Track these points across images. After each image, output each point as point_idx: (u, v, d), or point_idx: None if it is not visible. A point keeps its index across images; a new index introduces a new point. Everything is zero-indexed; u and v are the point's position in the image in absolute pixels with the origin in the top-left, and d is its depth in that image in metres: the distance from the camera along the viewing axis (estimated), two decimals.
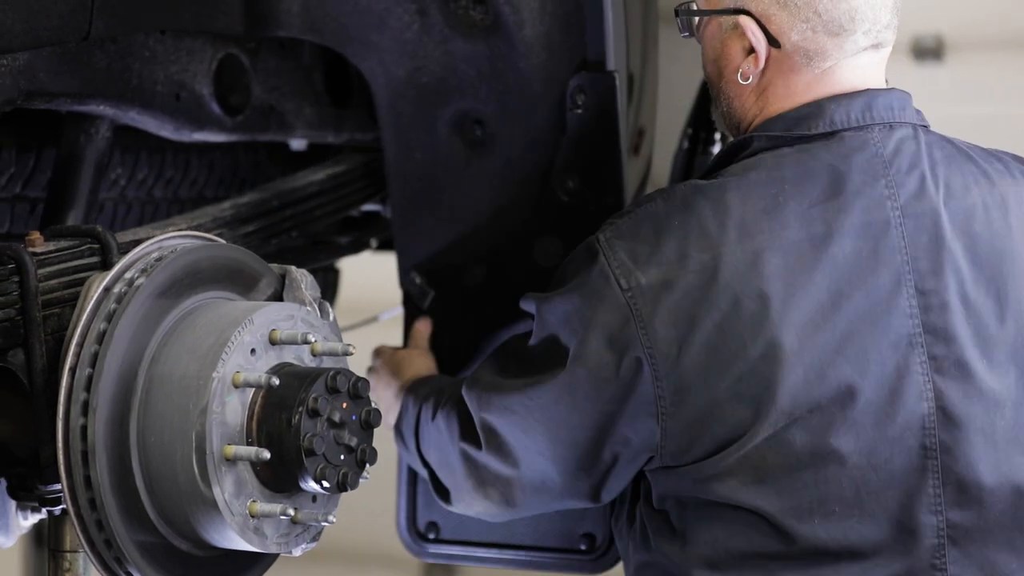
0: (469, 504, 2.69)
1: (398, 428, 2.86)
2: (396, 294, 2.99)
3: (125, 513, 2.31)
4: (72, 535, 2.45)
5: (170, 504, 2.33)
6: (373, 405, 2.42)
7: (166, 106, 2.69)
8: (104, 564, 2.33)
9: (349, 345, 2.48)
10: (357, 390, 2.39)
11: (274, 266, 2.57)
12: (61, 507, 2.40)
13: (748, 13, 2.49)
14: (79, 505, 2.29)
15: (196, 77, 2.74)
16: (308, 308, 2.52)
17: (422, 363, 2.95)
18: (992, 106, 5.11)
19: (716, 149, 3.35)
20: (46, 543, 2.54)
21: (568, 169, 2.84)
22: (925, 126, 2.54)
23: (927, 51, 5.91)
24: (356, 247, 3.45)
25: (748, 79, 2.52)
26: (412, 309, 2.97)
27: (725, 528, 2.43)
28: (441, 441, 2.70)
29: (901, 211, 2.44)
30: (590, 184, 2.84)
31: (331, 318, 2.59)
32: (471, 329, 2.94)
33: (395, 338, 3.07)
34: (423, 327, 2.99)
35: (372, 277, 3.93)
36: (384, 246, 3.56)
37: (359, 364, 2.51)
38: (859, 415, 2.38)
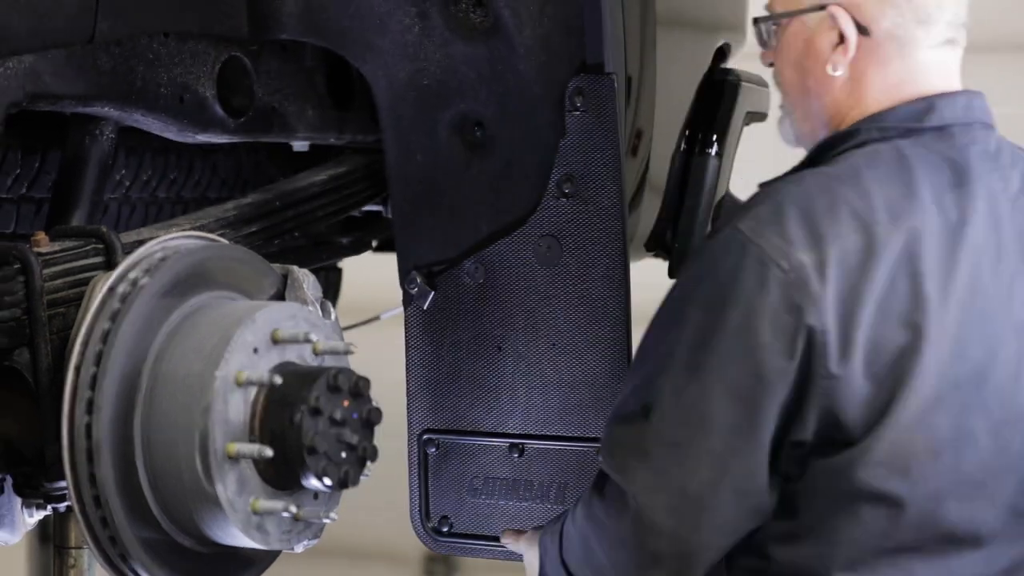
0: None
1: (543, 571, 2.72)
2: (397, 294, 2.99)
3: (129, 510, 2.32)
4: (77, 532, 2.47)
5: (174, 501, 2.34)
6: (374, 403, 2.43)
7: (170, 108, 2.70)
8: (108, 560, 2.34)
9: (350, 344, 2.50)
10: (358, 388, 2.40)
11: (276, 266, 2.59)
12: (66, 504, 2.42)
13: (835, 4, 2.53)
14: (84, 502, 2.31)
15: (199, 79, 2.75)
16: (310, 307, 2.54)
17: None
18: (992, 107, 5.13)
19: (713, 151, 3.36)
20: (51, 540, 2.56)
21: (567, 170, 2.85)
22: None
23: None
24: (357, 247, 3.45)
25: (837, 70, 2.54)
26: (412, 309, 2.98)
27: (860, 523, 2.42)
28: (589, 537, 2.54)
29: (1011, 204, 2.51)
30: (589, 185, 2.84)
31: (333, 317, 2.61)
32: (471, 330, 2.95)
33: (396, 338, 3.08)
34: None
35: (373, 277, 3.95)
36: (385, 246, 3.57)
37: (360, 363, 2.53)
38: (989, 397, 2.43)
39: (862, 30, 2.53)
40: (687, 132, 3.37)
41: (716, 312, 2.40)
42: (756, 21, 2.67)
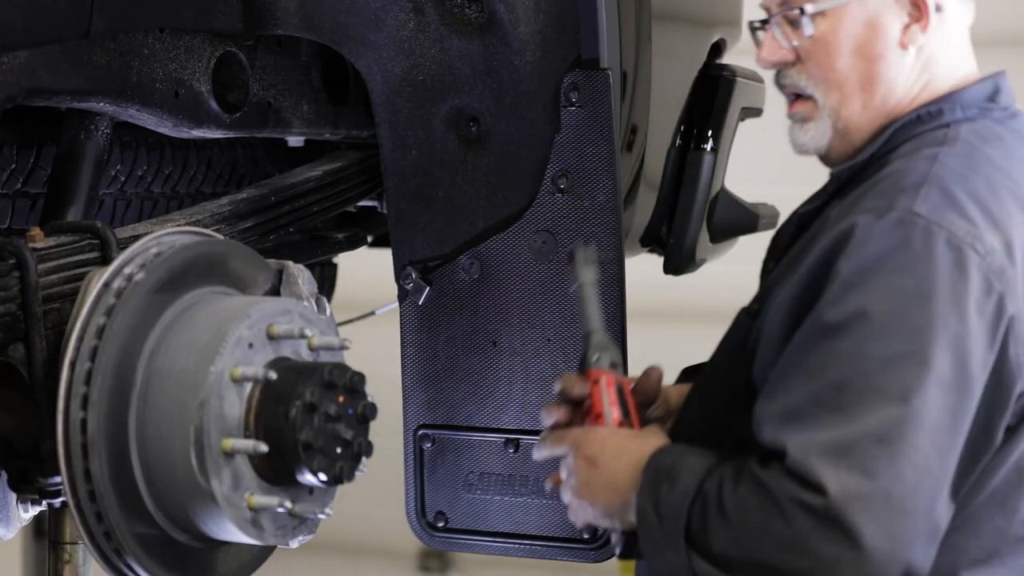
0: None
1: (650, 535, 2.35)
2: (392, 289, 3.00)
3: (124, 505, 2.33)
4: (72, 527, 2.47)
5: (169, 497, 2.34)
6: (369, 399, 2.43)
7: (165, 103, 2.69)
8: (103, 556, 2.34)
9: (345, 340, 2.50)
10: (353, 384, 2.40)
11: (271, 261, 2.59)
12: (61, 499, 2.41)
13: None
14: (79, 497, 2.31)
15: (195, 74, 2.75)
16: (305, 303, 2.54)
17: (655, 440, 2.46)
18: None
19: (709, 147, 3.37)
20: (46, 535, 2.56)
21: (562, 166, 2.85)
22: None
23: None
24: (353, 243, 3.46)
25: (915, 45, 2.45)
26: (407, 304, 2.99)
27: (1007, 514, 2.34)
28: (759, 530, 2.22)
29: None
30: (584, 181, 2.85)
31: (328, 313, 2.61)
32: (466, 325, 2.95)
33: (391, 333, 3.09)
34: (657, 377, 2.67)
35: (368, 272, 3.95)
36: (380, 242, 3.57)
37: (355, 358, 2.53)
38: None
39: (937, 7, 2.46)
40: (682, 128, 3.38)
41: (917, 301, 2.23)
42: (803, 12, 2.48)
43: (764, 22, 2.56)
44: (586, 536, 2.94)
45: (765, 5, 2.57)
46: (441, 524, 3.03)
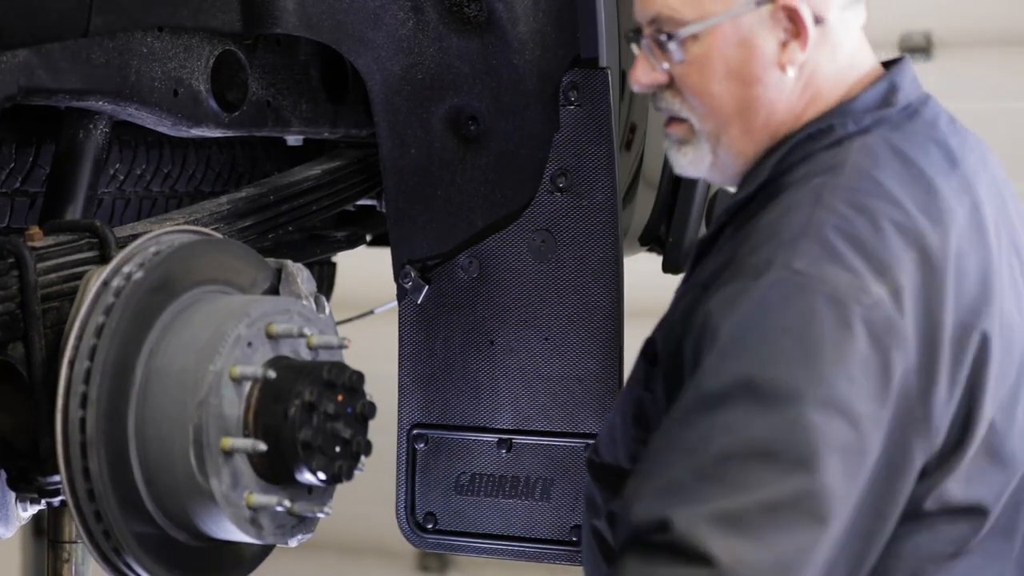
0: None
1: None
2: (391, 288, 3.00)
3: (123, 504, 2.33)
4: (71, 526, 2.47)
5: (168, 495, 2.34)
6: (368, 398, 2.43)
7: (164, 102, 2.69)
8: (102, 554, 2.34)
9: (344, 339, 2.50)
10: (352, 383, 2.40)
11: (270, 260, 2.59)
12: (60, 498, 2.41)
13: None
14: (78, 496, 2.31)
15: (193, 73, 2.75)
16: (304, 302, 2.54)
17: None
18: (981, 103, 5.14)
19: None
20: (45, 534, 2.56)
21: (561, 165, 2.85)
22: None
23: (916, 48, 5.93)
24: (351, 242, 3.46)
25: (794, 66, 2.26)
26: (406, 303, 2.99)
27: (936, 535, 2.20)
28: None
29: (983, 165, 2.34)
30: (583, 180, 2.85)
31: (327, 312, 2.61)
32: (465, 324, 2.95)
33: (390, 332, 3.09)
34: None
35: (367, 271, 3.95)
36: (379, 241, 3.57)
37: (354, 357, 2.53)
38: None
39: (816, 19, 2.25)
40: None
41: (801, 365, 2.07)
42: (670, 37, 2.28)
43: (637, 33, 2.35)
44: (575, 539, 2.94)
45: (637, 19, 2.35)
46: (430, 525, 3.02)
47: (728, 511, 2.04)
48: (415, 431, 3.00)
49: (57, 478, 2.35)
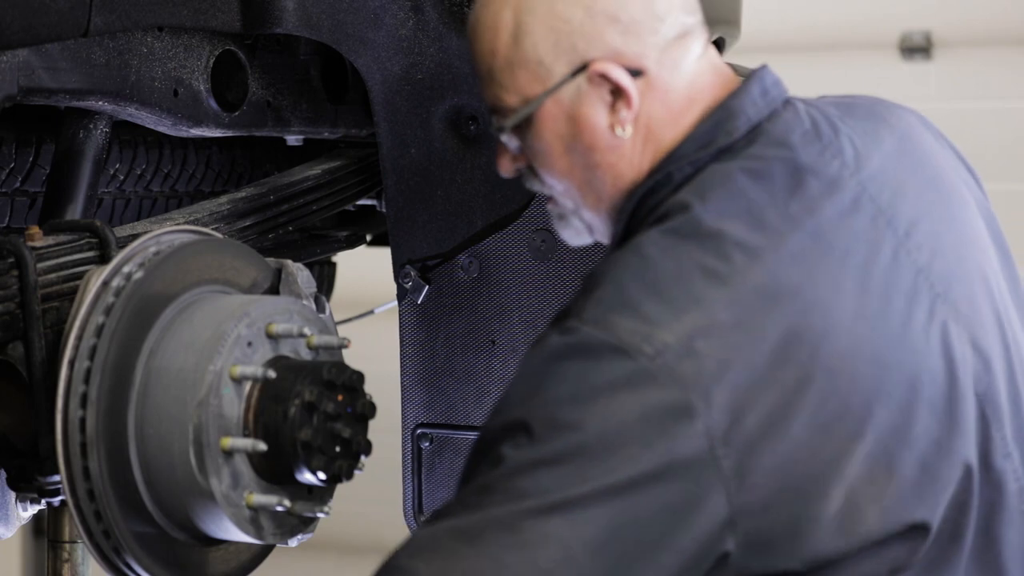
0: None
1: None
2: (391, 288, 3.00)
3: (123, 504, 2.32)
4: (71, 526, 2.47)
5: (168, 495, 2.34)
6: (368, 398, 2.43)
7: (164, 102, 2.69)
8: (102, 554, 2.34)
9: (344, 339, 2.50)
10: (352, 383, 2.40)
11: (270, 260, 2.59)
12: (60, 498, 2.41)
13: (593, 62, 2.18)
14: (78, 496, 2.31)
15: (193, 73, 2.75)
16: (304, 302, 2.54)
17: None
18: (980, 102, 5.13)
19: None
20: (45, 534, 2.56)
21: None
22: None
23: (916, 48, 5.93)
24: (352, 242, 3.46)
25: (627, 129, 2.20)
26: (406, 303, 2.99)
27: None
28: None
29: (857, 176, 2.20)
30: None
31: (327, 312, 2.61)
32: (465, 324, 2.95)
33: (390, 331, 3.09)
34: None
35: (367, 271, 3.95)
36: (379, 241, 3.57)
37: (354, 357, 2.53)
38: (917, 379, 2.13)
39: (635, 72, 2.20)
40: None
41: (574, 410, 2.00)
42: (500, 135, 2.27)
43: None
44: None
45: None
46: None
47: (462, 528, 1.98)
48: (419, 430, 3.00)
49: (57, 478, 2.35)
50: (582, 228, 2.33)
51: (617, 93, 2.20)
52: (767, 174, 2.16)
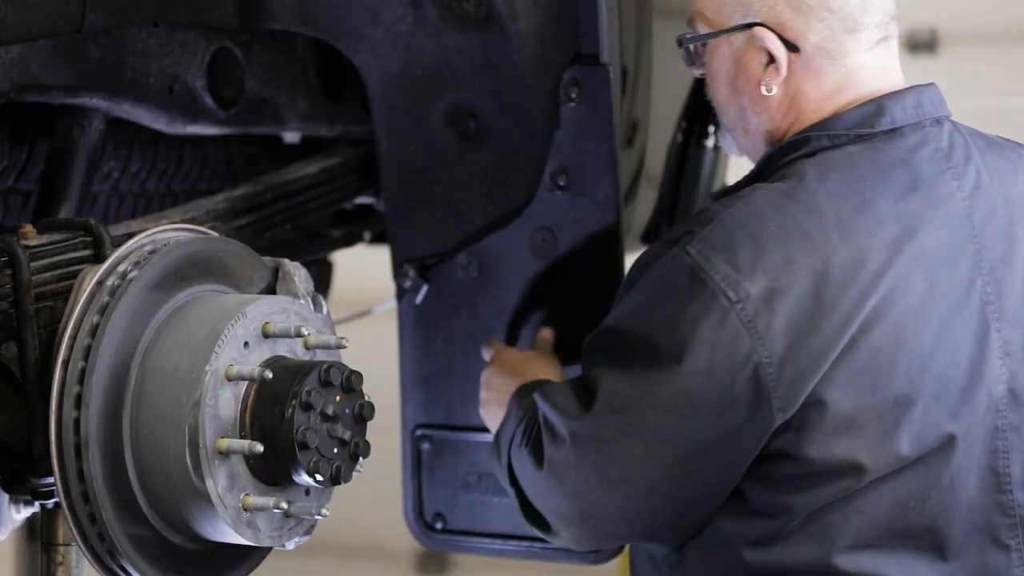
0: (565, 531, 2.56)
1: (496, 437, 2.72)
2: (390, 287, 2.99)
3: (118, 506, 2.31)
4: (65, 528, 2.45)
5: (163, 497, 2.33)
6: (366, 399, 2.42)
7: (159, 99, 2.70)
8: (97, 557, 2.33)
9: (342, 338, 2.48)
10: (350, 383, 2.39)
11: (267, 259, 2.58)
12: (54, 500, 2.40)
13: (761, 24, 2.50)
14: (72, 498, 2.29)
15: (189, 70, 2.75)
16: (301, 301, 2.52)
17: (545, 368, 2.82)
18: (986, 99, 5.13)
19: (710, 143, 3.36)
20: (39, 536, 2.54)
21: (562, 162, 2.85)
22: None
23: (922, 44, 5.94)
24: (349, 240, 3.46)
25: (772, 90, 2.52)
26: (405, 302, 2.98)
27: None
28: (523, 468, 2.57)
29: (968, 202, 2.48)
30: (584, 177, 2.84)
31: (324, 311, 2.59)
32: (465, 324, 2.94)
33: (389, 331, 3.08)
34: (548, 335, 2.89)
35: (366, 270, 3.94)
36: (377, 239, 3.57)
37: (352, 357, 2.51)
38: (957, 403, 2.42)
39: (791, 47, 2.51)
40: (683, 124, 3.37)
41: (664, 332, 2.38)
42: (680, 43, 2.63)
43: None
44: None
45: None
46: (439, 525, 3.02)
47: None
48: (419, 431, 3.00)
49: (51, 480, 2.33)
50: (732, 144, 2.67)
51: (771, 58, 2.51)
52: (888, 171, 2.46)
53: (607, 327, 2.48)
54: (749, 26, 2.51)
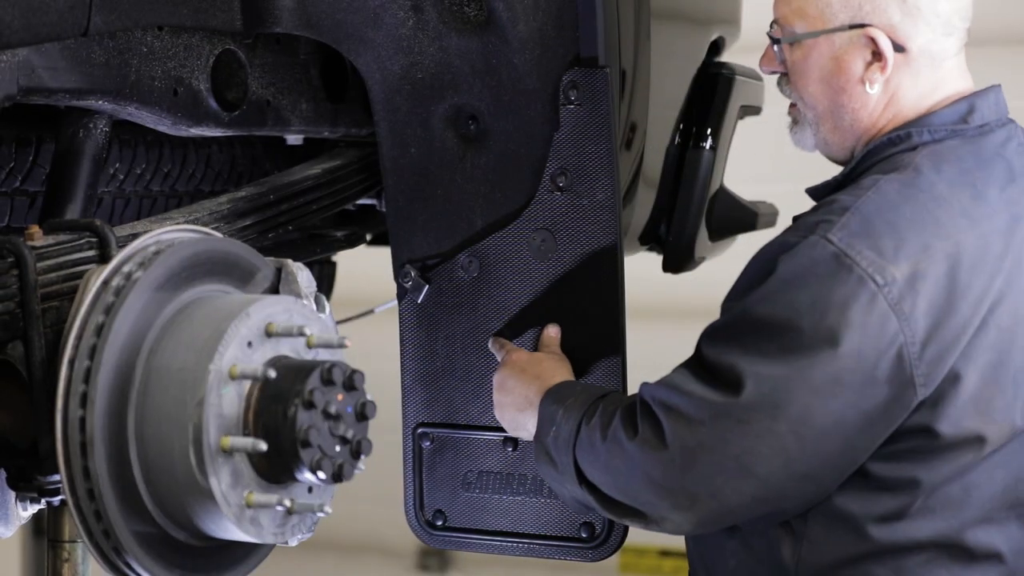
0: (667, 520, 2.58)
1: (541, 442, 2.71)
2: (391, 287, 3.00)
3: (123, 503, 2.32)
4: (71, 525, 2.47)
5: (167, 495, 2.34)
6: (368, 397, 2.43)
7: (164, 101, 2.69)
8: (102, 554, 2.34)
9: (344, 338, 2.50)
10: (352, 382, 2.40)
11: (270, 260, 2.59)
12: (60, 498, 2.41)
13: (870, 26, 2.60)
14: (77, 495, 2.30)
15: (193, 73, 2.75)
16: (304, 301, 2.54)
17: (559, 368, 2.85)
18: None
19: (708, 145, 3.37)
20: (45, 533, 2.55)
21: (561, 164, 2.85)
22: None
23: None
24: (351, 241, 3.46)
25: (874, 88, 2.63)
26: (406, 302, 2.99)
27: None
28: (620, 460, 2.56)
29: None
30: (583, 179, 2.85)
31: (327, 311, 2.61)
32: (465, 324, 2.95)
33: (390, 331, 3.09)
34: (555, 332, 2.91)
35: (367, 270, 3.95)
36: (379, 240, 3.57)
37: (354, 356, 2.53)
38: None
39: (897, 48, 2.61)
40: (681, 126, 3.38)
41: (809, 317, 2.45)
42: (777, 41, 2.71)
43: (772, 25, 2.74)
44: (584, 535, 2.95)
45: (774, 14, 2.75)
46: (440, 523, 3.03)
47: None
48: (420, 430, 3.00)
49: (57, 477, 2.34)
50: (808, 139, 2.74)
51: (877, 56, 2.62)
52: (990, 164, 2.60)
53: (740, 313, 2.53)
54: (860, 26, 2.61)
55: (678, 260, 3.43)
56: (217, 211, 2.81)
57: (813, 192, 2.74)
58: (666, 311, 6.21)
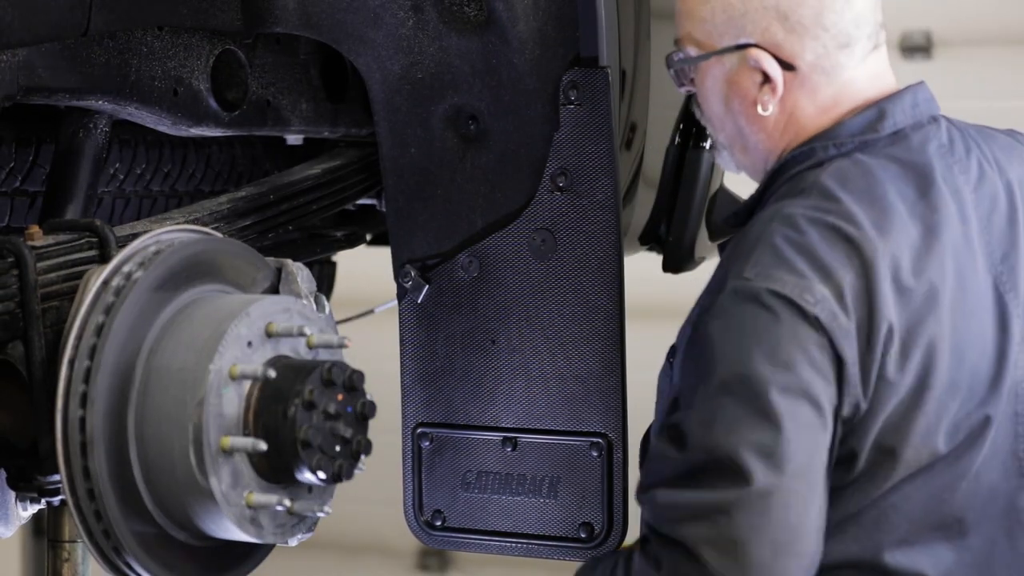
0: None
1: None
2: (391, 287, 3.00)
3: (123, 503, 2.33)
4: (71, 525, 2.47)
5: (168, 495, 2.34)
6: (368, 397, 2.43)
7: (164, 101, 2.70)
8: (102, 554, 2.35)
9: (344, 338, 2.50)
10: (352, 382, 2.40)
11: (270, 260, 2.59)
12: (60, 498, 2.41)
13: (755, 45, 2.52)
14: (78, 495, 2.31)
15: (193, 73, 2.75)
16: (304, 301, 2.54)
17: None
18: (980, 101, 5.14)
19: (708, 145, 3.37)
20: (45, 533, 2.56)
21: (561, 164, 2.85)
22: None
23: (916, 48, 5.93)
24: (351, 241, 3.46)
25: (768, 109, 2.54)
26: (406, 302, 2.99)
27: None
28: None
29: (975, 194, 2.52)
30: (583, 179, 2.85)
31: (327, 311, 2.61)
32: (465, 324, 2.95)
33: (390, 331, 3.09)
34: None
35: (367, 270, 3.95)
36: (379, 240, 3.57)
37: (354, 356, 2.53)
38: (986, 393, 2.46)
39: (786, 67, 2.52)
40: (681, 126, 3.37)
41: (758, 362, 2.35)
42: (669, 64, 2.64)
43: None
44: (583, 535, 2.95)
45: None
46: (439, 523, 3.03)
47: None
48: (419, 430, 3.00)
49: (57, 477, 2.35)
50: (729, 162, 2.68)
51: (767, 78, 2.53)
52: (903, 176, 2.48)
53: (704, 397, 2.39)
54: (743, 47, 2.53)
55: (678, 260, 3.43)
56: (217, 211, 2.81)
57: (732, 219, 2.67)
58: (666, 311, 6.20)
